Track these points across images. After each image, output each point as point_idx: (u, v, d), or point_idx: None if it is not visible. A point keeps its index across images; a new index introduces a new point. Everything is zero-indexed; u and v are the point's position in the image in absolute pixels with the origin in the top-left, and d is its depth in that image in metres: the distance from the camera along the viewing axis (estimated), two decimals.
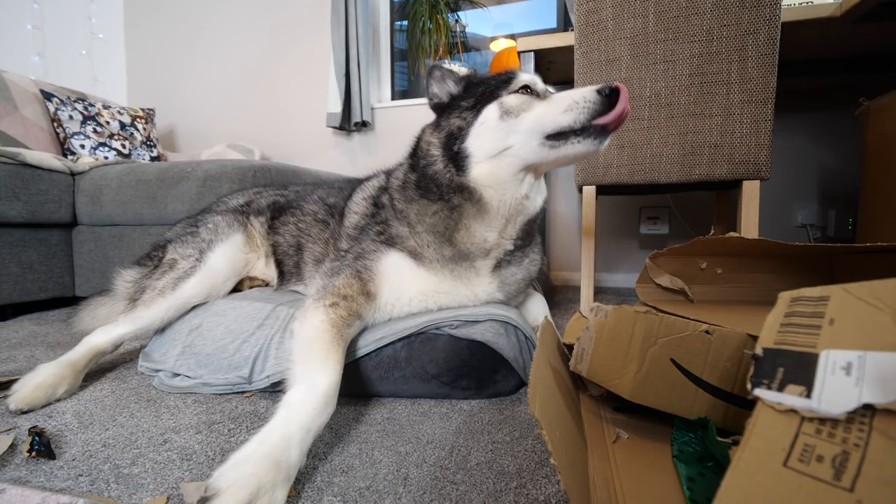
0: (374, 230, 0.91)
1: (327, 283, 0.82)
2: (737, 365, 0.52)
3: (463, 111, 0.85)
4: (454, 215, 0.85)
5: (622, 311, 0.58)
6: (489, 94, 0.84)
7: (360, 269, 0.84)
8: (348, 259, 0.89)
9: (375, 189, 1.04)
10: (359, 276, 0.83)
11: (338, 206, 1.12)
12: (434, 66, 0.91)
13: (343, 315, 0.76)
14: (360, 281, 0.82)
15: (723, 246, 0.83)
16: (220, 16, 2.97)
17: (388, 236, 0.89)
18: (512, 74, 0.86)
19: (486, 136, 0.82)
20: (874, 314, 0.32)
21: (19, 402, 0.76)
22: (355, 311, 0.79)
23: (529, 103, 0.81)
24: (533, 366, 0.48)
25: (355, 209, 1.05)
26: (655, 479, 0.50)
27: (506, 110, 0.81)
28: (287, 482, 0.52)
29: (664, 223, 2.27)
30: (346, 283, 0.81)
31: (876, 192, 1.51)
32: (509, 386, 0.85)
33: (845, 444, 0.28)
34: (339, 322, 0.75)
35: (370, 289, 0.83)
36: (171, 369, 0.91)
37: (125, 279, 1.11)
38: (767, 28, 1.17)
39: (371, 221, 0.95)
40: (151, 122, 2.52)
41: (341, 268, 0.86)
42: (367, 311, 0.82)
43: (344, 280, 0.82)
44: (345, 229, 1.04)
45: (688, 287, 0.88)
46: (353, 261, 0.87)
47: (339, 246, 1.02)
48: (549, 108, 0.80)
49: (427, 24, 2.53)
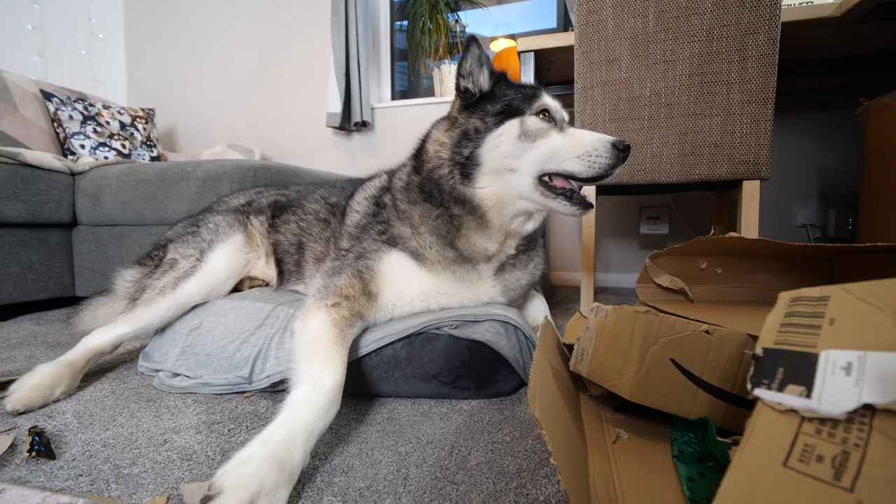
0: (376, 229, 0.91)
1: (328, 283, 0.82)
2: (737, 365, 0.52)
3: (486, 115, 0.83)
4: (455, 223, 0.85)
5: (622, 311, 0.58)
6: (516, 106, 0.83)
7: (361, 269, 0.84)
8: (349, 258, 0.89)
9: (377, 189, 1.04)
10: (360, 276, 0.83)
11: (339, 205, 1.13)
12: (473, 38, 0.86)
13: (346, 315, 0.76)
14: (361, 281, 0.82)
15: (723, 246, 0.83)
16: (220, 16, 2.97)
17: (389, 236, 0.89)
18: (537, 91, 0.84)
19: (500, 149, 0.81)
20: (874, 314, 0.32)
21: (15, 404, 0.75)
22: (357, 311, 0.79)
23: (547, 132, 0.81)
24: (533, 366, 0.49)
25: (357, 208, 1.05)
26: (655, 479, 0.50)
27: (525, 131, 0.80)
28: (290, 483, 0.52)
29: (664, 223, 2.27)
30: (348, 283, 0.81)
31: (876, 192, 1.51)
32: (509, 386, 0.85)
33: (845, 444, 0.28)
34: (341, 322, 0.75)
35: (372, 289, 0.83)
36: (171, 369, 0.91)
37: (126, 279, 1.11)
38: (767, 28, 1.17)
39: (373, 221, 0.95)
40: (151, 122, 2.52)
41: (342, 267, 0.86)
42: (369, 311, 0.82)
43: (346, 280, 0.82)
44: (346, 228, 1.04)
45: (688, 287, 0.88)
46: (355, 260, 0.87)
47: (340, 245, 1.02)
48: (564, 146, 0.79)
49: (427, 24, 2.53)
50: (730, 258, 0.88)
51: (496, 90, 0.87)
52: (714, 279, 0.89)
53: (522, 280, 0.95)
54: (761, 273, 0.87)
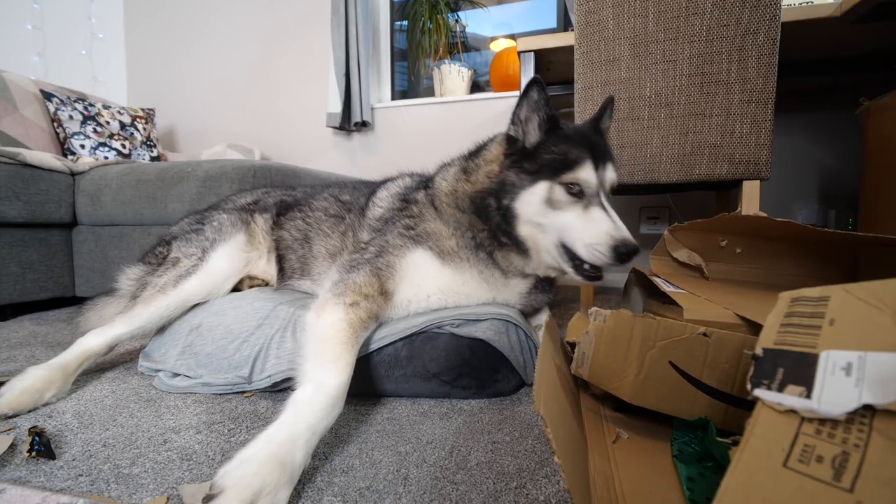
0: (403, 223, 0.92)
1: (346, 278, 0.82)
2: (735, 366, 0.52)
3: (522, 172, 0.85)
4: (499, 242, 0.88)
5: (620, 315, 0.59)
6: (552, 168, 0.83)
7: (381, 266, 0.84)
8: (369, 253, 0.88)
9: (403, 188, 1.06)
10: (378, 274, 0.83)
11: (355, 201, 1.13)
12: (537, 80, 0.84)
13: (363, 318, 0.76)
14: (379, 279, 0.83)
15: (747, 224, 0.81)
16: (220, 16, 2.97)
17: (418, 232, 0.89)
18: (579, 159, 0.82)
19: (531, 208, 0.84)
20: (874, 314, 0.32)
21: (4, 407, 0.74)
22: (374, 312, 0.79)
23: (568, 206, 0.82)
24: (538, 364, 0.48)
25: (381, 203, 1.06)
26: (655, 478, 0.50)
27: (549, 198, 0.82)
28: (290, 483, 0.52)
29: (664, 223, 2.27)
30: (367, 282, 0.81)
31: (876, 192, 1.50)
32: (510, 385, 0.85)
33: (845, 444, 0.28)
34: (357, 324, 0.75)
35: (389, 287, 0.83)
36: (171, 369, 0.91)
37: (129, 277, 1.11)
38: (767, 28, 1.17)
39: (399, 214, 0.96)
40: (151, 122, 2.51)
41: (361, 262, 0.86)
42: (385, 310, 0.83)
43: (365, 277, 0.82)
44: (367, 221, 1.04)
45: (704, 264, 0.86)
46: (375, 256, 0.87)
47: (359, 237, 1.02)
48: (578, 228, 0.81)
49: (427, 24, 2.53)
50: (751, 238, 0.85)
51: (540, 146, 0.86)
52: (733, 258, 0.87)
53: (542, 298, 0.99)
54: (782, 257, 0.84)
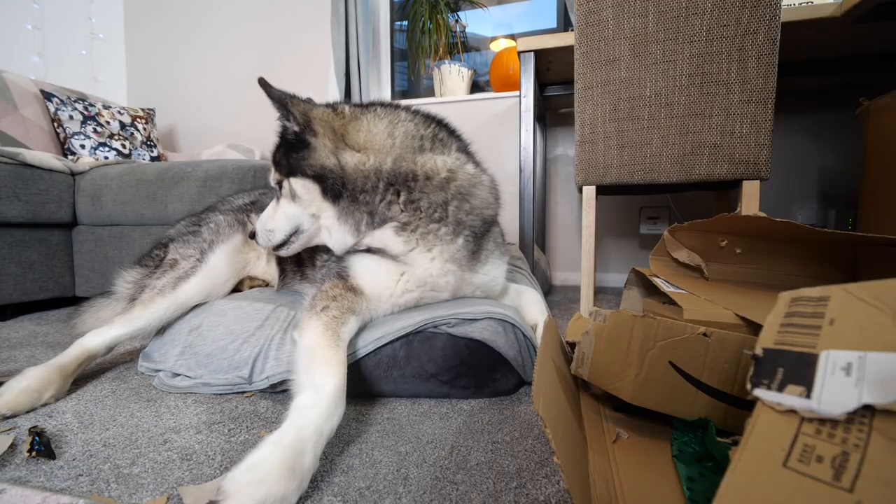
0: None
1: (316, 292, 0.83)
2: (735, 366, 0.52)
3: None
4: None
5: (620, 315, 0.59)
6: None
7: (340, 270, 0.86)
8: (331, 262, 0.92)
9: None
10: (340, 275, 0.84)
11: None
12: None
13: (335, 315, 0.77)
14: (342, 279, 0.84)
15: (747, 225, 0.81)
16: (220, 16, 2.97)
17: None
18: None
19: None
20: (874, 314, 0.32)
21: (2, 407, 0.75)
22: (347, 307, 0.80)
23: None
24: (537, 363, 0.48)
25: None
26: (655, 478, 0.50)
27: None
28: (299, 490, 0.51)
29: (664, 223, 2.27)
30: (333, 284, 0.83)
31: (876, 192, 1.50)
32: (509, 385, 0.85)
33: (845, 444, 0.28)
34: (332, 323, 0.75)
35: (353, 284, 0.84)
36: (172, 369, 0.91)
37: (126, 280, 1.11)
38: (767, 28, 1.17)
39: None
40: (151, 122, 2.51)
41: (329, 273, 0.88)
42: (359, 304, 0.83)
43: (330, 282, 0.83)
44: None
45: (704, 264, 0.86)
46: (337, 262, 0.89)
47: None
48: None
49: (427, 24, 2.53)
50: (751, 238, 0.85)
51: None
52: (733, 258, 0.86)
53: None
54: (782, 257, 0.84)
